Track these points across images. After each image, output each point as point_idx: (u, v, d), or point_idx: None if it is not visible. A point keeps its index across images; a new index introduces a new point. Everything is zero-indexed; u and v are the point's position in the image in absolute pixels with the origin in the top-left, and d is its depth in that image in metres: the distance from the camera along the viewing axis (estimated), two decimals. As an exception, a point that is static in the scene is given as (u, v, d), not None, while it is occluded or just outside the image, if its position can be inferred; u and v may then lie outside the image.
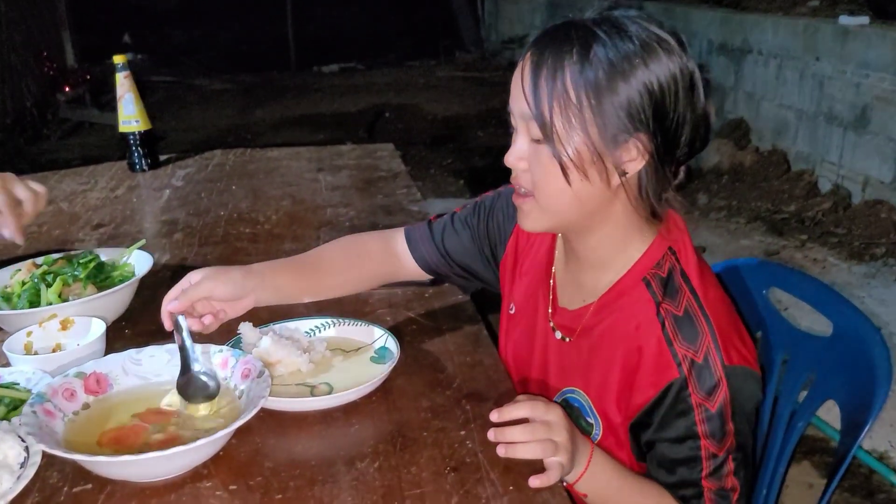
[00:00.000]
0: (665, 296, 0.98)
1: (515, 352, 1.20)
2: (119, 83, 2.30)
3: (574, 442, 0.94)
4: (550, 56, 0.92)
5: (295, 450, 0.98)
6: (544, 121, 0.93)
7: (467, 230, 1.26)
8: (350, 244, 1.31)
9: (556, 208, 0.99)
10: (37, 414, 0.91)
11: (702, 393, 0.93)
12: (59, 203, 2.08)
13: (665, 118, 0.92)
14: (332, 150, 2.54)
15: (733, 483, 0.96)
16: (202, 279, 1.09)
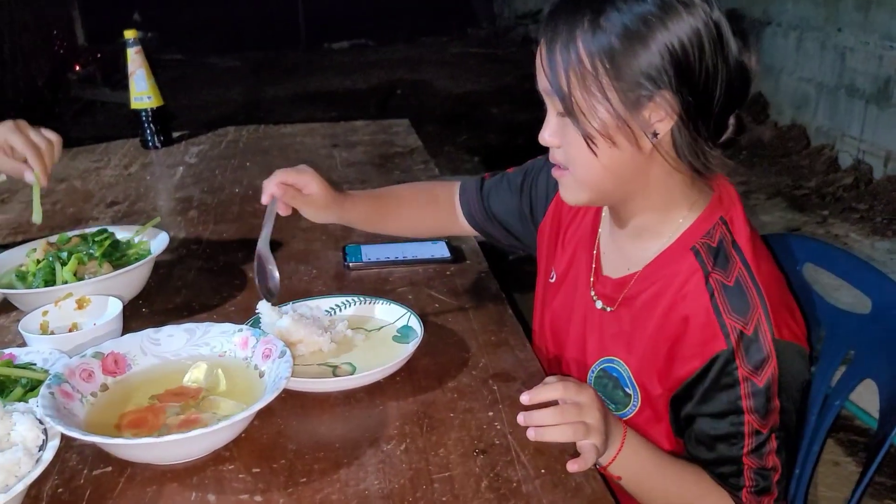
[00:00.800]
0: (715, 265, 0.94)
1: (553, 320, 1.17)
2: (130, 59, 2.27)
3: (607, 423, 0.91)
4: (563, 27, 0.90)
5: (319, 431, 0.95)
6: (563, 94, 0.92)
7: (512, 189, 1.26)
8: (422, 189, 1.39)
9: (592, 180, 0.97)
10: (55, 395, 0.88)
11: (749, 366, 0.90)
12: (73, 181, 2.06)
13: (691, 75, 0.89)
14: (347, 127, 2.50)
15: (774, 462, 0.93)
16: (315, 202, 1.19)
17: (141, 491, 0.85)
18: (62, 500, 0.84)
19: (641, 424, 1.01)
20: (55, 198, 1.92)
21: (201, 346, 1.03)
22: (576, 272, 1.14)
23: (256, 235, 1.58)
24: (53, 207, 1.84)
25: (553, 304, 1.18)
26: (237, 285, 1.36)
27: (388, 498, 0.82)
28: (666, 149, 0.94)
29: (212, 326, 1.04)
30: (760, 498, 0.94)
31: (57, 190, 1.99)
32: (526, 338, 1.16)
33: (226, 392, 0.96)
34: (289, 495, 0.83)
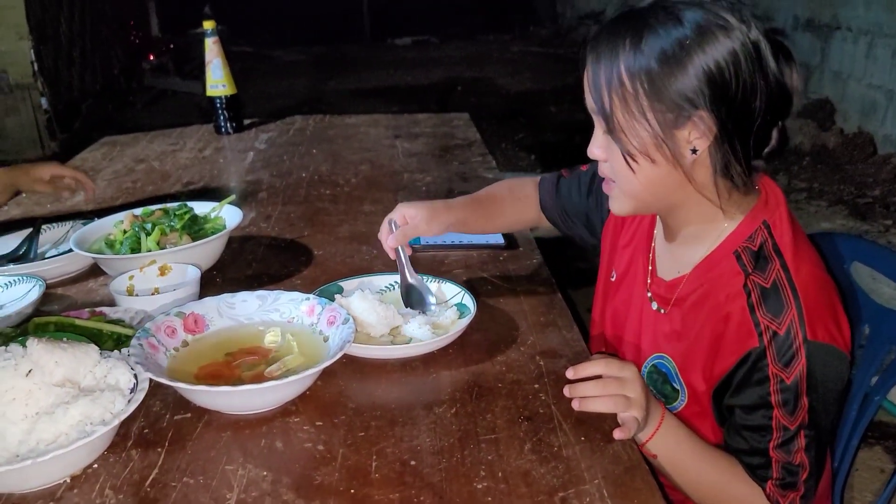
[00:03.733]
0: (755, 268, 0.99)
1: (614, 316, 1.23)
2: (208, 48, 2.40)
3: (647, 400, 0.97)
4: (606, 50, 0.96)
5: (376, 393, 1.03)
6: (606, 115, 0.97)
7: (582, 189, 1.33)
8: (514, 188, 1.43)
9: (635, 193, 1.02)
10: (143, 347, 0.98)
11: (779, 364, 0.94)
12: (151, 162, 2.19)
13: (728, 94, 0.92)
14: (409, 119, 2.58)
15: (802, 460, 0.96)
16: (418, 219, 1.24)
17: (216, 435, 0.94)
18: (148, 439, 0.93)
19: (689, 418, 1.06)
20: (135, 176, 2.05)
21: (272, 312, 1.11)
22: (634, 273, 1.20)
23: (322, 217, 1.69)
24: (134, 185, 1.97)
25: (614, 301, 1.23)
26: (303, 261, 1.45)
27: (438, 454, 0.90)
28: (706, 164, 0.98)
29: (282, 294, 1.13)
30: (786, 492, 0.97)
31: (136, 169, 2.12)
32: (573, 320, 1.22)
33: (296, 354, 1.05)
34: (348, 446, 0.91)
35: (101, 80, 6.87)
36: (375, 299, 1.16)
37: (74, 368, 0.88)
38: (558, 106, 6.79)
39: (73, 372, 0.88)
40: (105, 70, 7.03)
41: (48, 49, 5.71)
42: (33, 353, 0.86)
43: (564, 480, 0.85)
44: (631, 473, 0.87)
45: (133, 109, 7.16)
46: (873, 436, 2.42)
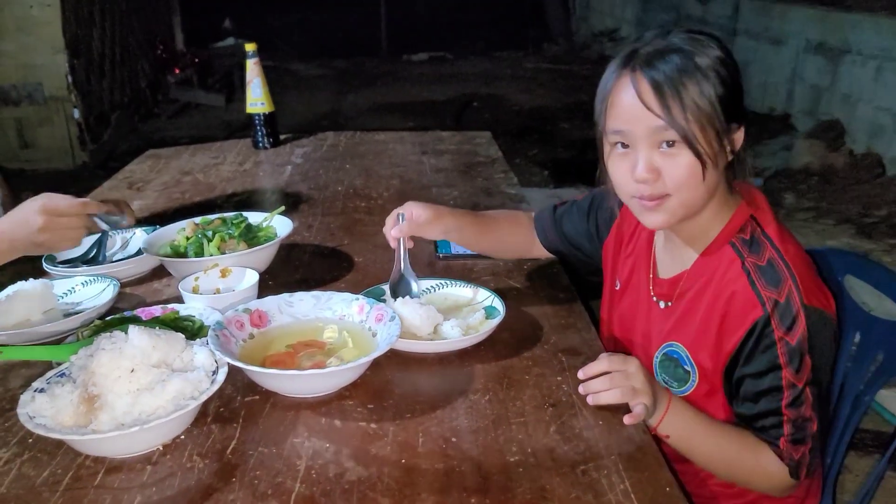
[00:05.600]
0: (750, 252, 1.14)
1: (621, 320, 1.37)
2: (249, 68, 2.56)
3: (653, 387, 1.11)
4: (666, 75, 1.07)
5: (418, 382, 1.18)
6: (683, 130, 1.07)
7: (581, 214, 1.47)
8: (511, 215, 1.58)
9: (695, 200, 1.12)
10: (219, 337, 1.13)
11: (783, 328, 1.08)
12: (196, 174, 2.35)
13: (742, 98, 1.13)
14: (434, 136, 2.74)
15: (811, 413, 1.10)
16: (423, 217, 1.37)
17: (283, 415, 1.09)
18: (224, 417, 1.08)
19: (700, 398, 1.20)
20: (183, 188, 2.21)
21: (325, 310, 1.26)
22: (637, 279, 1.34)
23: (359, 227, 1.83)
24: (182, 196, 2.13)
25: (620, 307, 1.38)
26: (345, 267, 1.60)
27: (475, 433, 1.04)
28: (730, 169, 1.15)
29: (334, 294, 1.28)
30: (797, 447, 1.11)
31: (183, 181, 2.28)
32: (591, 323, 1.36)
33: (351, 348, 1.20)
34: (397, 425, 1.06)
35: (129, 92, 7.08)
36: (416, 303, 1.30)
37: (167, 352, 1.04)
38: (571, 122, 6.94)
39: (167, 355, 1.03)
40: (133, 83, 7.25)
41: (81, 63, 5.92)
42: (134, 338, 1.01)
43: (585, 456, 0.99)
44: (642, 451, 1.01)
45: (158, 121, 7.37)
46: (875, 443, 2.54)
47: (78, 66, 5.83)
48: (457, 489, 0.93)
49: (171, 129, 6.95)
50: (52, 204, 1.32)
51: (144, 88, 7.55)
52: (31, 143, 5.80)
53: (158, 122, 7.35)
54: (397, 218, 1.38)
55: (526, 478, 0.95)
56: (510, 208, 1.96)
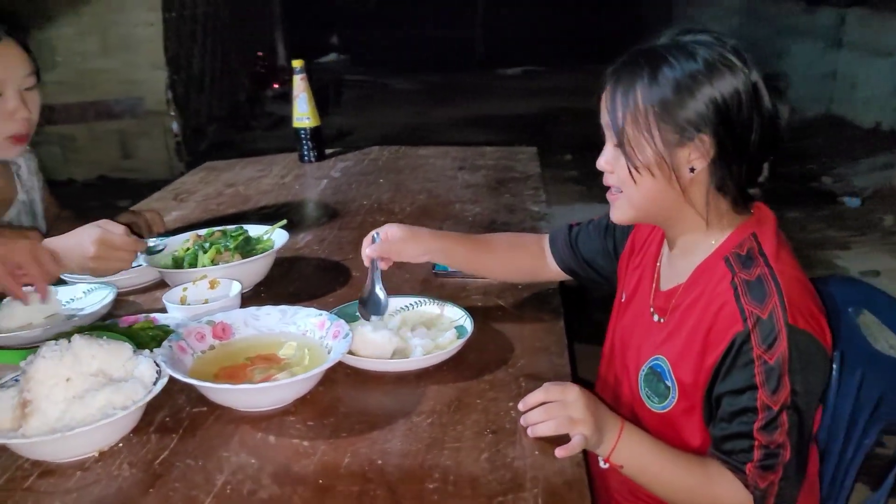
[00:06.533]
0: (742, 268, 1.08)
1: (622, 334, 1.32)
2: (296, 84, 2.63)
3: (598, 416, 1.05)
4: (626, 76, 1.11)
5: (367, 401, 1.16)
6: (618, 130, 1.11)
7: (598, 232, 1.43)
8: (512, 237, 1.56)
9: (635, 202, 1.15)
10: (172, 348, 1.16)
11: (763, 346, 1.02)
12: (238, 187, 2.43)
13: (729, 124, 1.06)
14: (477, 151, 2.72)
15: (784, 440, 1.01)
16: (399, 238, 1.36)
17: (223, 427, 1.10)
18: (167, 426, 1.10)
19: (678, 416, 1.13)
20: (221, 200, 2.29)
21: (290, 325, 1.27)
22: (641, 291, 1.29)
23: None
24: (218, 208, 2.21)
25: (623, 320, 1.33)
26: (341, 281, 1.61)
27: (404, 456, 1.02)
28: (704, 182, 1.11)
29: (300, 310, 1.28)
30: (765, 474, 1.02)
31: (224, 193, 2.37)
32: (567, 346, 1.31)
33: (306, 365, 1.20)
34: (329, 444, 1.05)
35: (227, 106, 7.42)
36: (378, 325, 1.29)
37: (108, 361, 1.07)
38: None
39: (107, 364, 1.07)
40: (232, 97, 7.59)
41: (181, 78, 6.26)
42: (75, 346, 1.05)
43: (506, 487, 0.95)
44: (569, 486, 0.96)
45: (254, 133, 7.68)
46: None
47: (178, 81, 6.16)
48: (363, 514, 0.91)
49: (264, 141, 7.21)
50: (108, 237, 1.40)
51: (243, 102, 7.89)
52: (132, 154, 6.17)
53: (254, 134, 7.65)
54: (372, 238, 1.38)
55: (437, 506, 0.92)
56: (529, 225, 1.93)
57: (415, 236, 1.39)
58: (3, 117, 1.51)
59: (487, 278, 1.55)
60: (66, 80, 5.89)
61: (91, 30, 5.86)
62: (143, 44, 5.90)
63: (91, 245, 1.39)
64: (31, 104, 1.56)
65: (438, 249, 1.42)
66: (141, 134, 6.11)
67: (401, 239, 1.37)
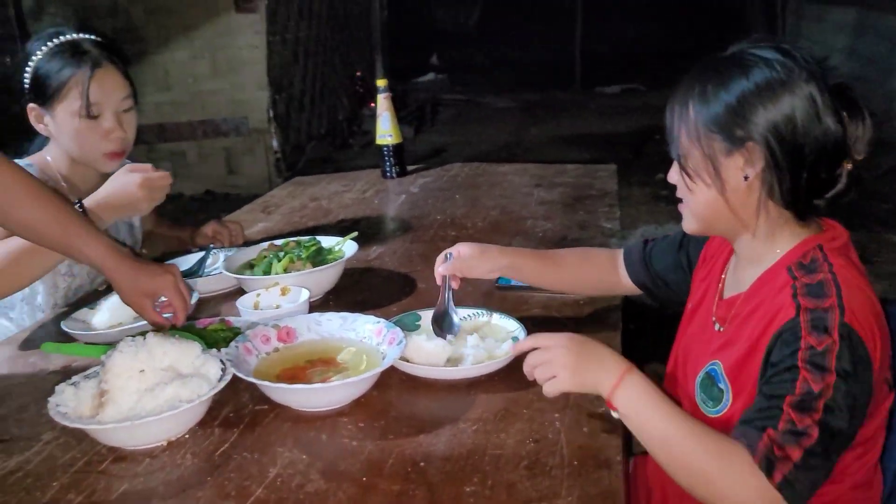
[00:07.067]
0: (804, 275, 1.08)
1: (686, 344, 1.32)
2: (380, 103, 2.73)
3: (590, 359, 1.08)
4: (681, 91, 1.15)
5: (417, 406, 1.21)
6: (675, 141, 1.15)
7: (673, 246, 1.44)
8: (583, 251, 1.59)
9: (696, 212, 1.18)
10: (238, 349, 1.24)
11: (813, 334, 0.99)
12: (321, 201, 2.53)
13: (780, 136, 1.06)
14: (557, 168, 2.73)
15: (811, 429, 0.95)
16: (469, 256, 1.42)
17: (281, 424, 1.16)
18: (230, 421, 1.18)
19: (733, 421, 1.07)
20: (304, 213, 2.40)
21: (349, 331, 1.33)
22: (706, 302, 1.30)
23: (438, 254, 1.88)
24: (300, 220, 2.31)
25: (688, 330, 1.33)
26: (406, 292, 1.66)
27: (445, 460, 1.05)
28: (756, 191, 1.11)
29: (359, 317, 1.34)
30: (784, 446, 0.94)
31: (308, 207, 2.48)
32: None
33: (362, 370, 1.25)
34: (374, 443, 1.10)
35: (325, 124, 7.70)
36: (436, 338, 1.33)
37: (178, 358, 1.16)
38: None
39: (177, 361, 1.15)
40: (330, 116, 7.87)
41: (282, 98, 6.54)
42: (149, 343, 1.14)
43: (542, 494, 0.97)
44: (604, 496, 0.97)
45: (351, 151, 7.92)
46: None
47: (279, 101, 6.45)
48: (400, 512, 0.95)
49: (360, 158, 7.43)
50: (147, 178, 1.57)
51: (341, 121, 8.16)
52: (237, 171, 6.49)
53: (351, 152, 7.89)
54: (445, 257, 1.43)
55: (472, 509, 0.95)
56: (599, 241, 1.93)
57: (484, 253, 1.44)
58: (101, 136, 1.66)
59: (558, 292, 1.56)
60: (179, 101, 6.28)
61: (202, 53, 6.23)
62: (248, 66, 6.21)
63: (138, 189, 1.56)
64: (127, 125, 1.70)
65: (507, 265, 1.46)
66: (245, 151, 6.42)
67: (471, 256, 1.42)
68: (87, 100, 1.66)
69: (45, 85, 1.68)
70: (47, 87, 1.67)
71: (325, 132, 7.66)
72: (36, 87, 1.69)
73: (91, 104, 1.66)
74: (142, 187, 1.56)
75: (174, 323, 1.38)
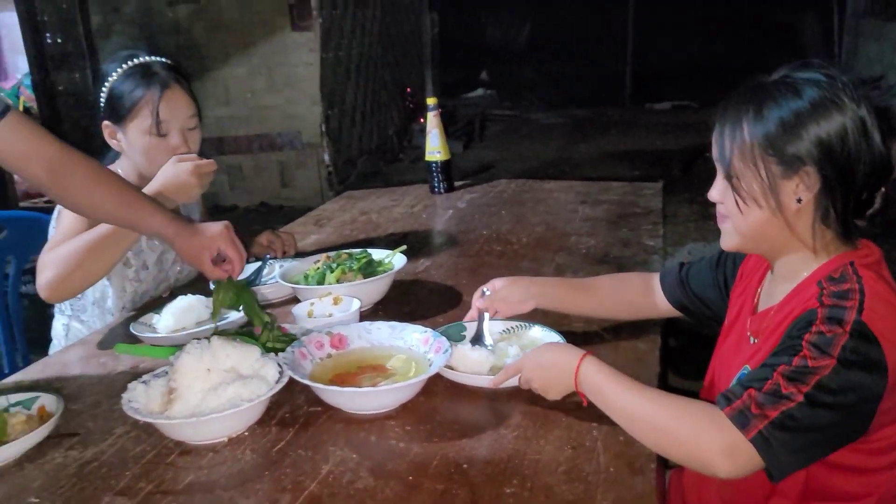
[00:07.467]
0: (831, 285, 1.12)
1: (722, 357, 1.37)
2: (429, 120, 2.82)
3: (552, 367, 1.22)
4: (733, 112, 1.18)
5: (461, 412, 1.27)
6: (727, 163, 1.18)
7: (710, 266, 1.48)
8: (617, 277, 1.64)
9: (742, 231, 1.21)
10: (294, 353, 1.32)
11: (826, 323, 1.05)
12: (371, 214, 2.63)
13: (833, 156, 1.10)
14: (602, 186, 2.78)
15: (800, 397, 1.00)
16: (502, 287, 1.49)
17: (333, 425, 1.24)
18: (286, 421, 1.26)
19: None
20: (355, 226, 2.49)
21: (397, 339, 1.40)
22: (742, 316, 1.34)
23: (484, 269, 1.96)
24: (351, 233, 2.41)
25: (725, 344, 1.37)
26: (452, 304, 1.73)
27: (487, 463, 1.11)
28: (810, 213, 1.15)
29: (407, 326, 1.41)
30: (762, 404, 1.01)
31: (358, 220, 2.57)
32: (658, 374, 1.36)
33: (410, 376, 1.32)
34: (420, 445, 1.16)
35: (376, 139, 7.85)
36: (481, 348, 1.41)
37: (239, 361, 1.24)
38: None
39: (238, 363, 1.24)
40: (381, 131, 8.02)
41: (335, 113, 6.71)
42: (213, 345, 1.23)
43: (578, 497, 1.03)
44: (637, 500, 1.02)
45: (401, 165, 8.05)
46: None
47: (332, 116, 6.62)
48: (443, 509, 1.02)
49: (409, 172, 7.55)
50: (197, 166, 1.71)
51: (392, 136, 8.30)
52: (290, 183, 6.67)
53: (401, 166, 8.03)
54: (481, 292, 1.50)
55: (511, 509, 1.01)
56: (641, 259, 1.97)
57: (515, 283, 1.50)
58: (168, 152, 1.77)
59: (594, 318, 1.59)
60: (237, 115, 6.49)
61: (260, 70, 6.43)
62: (302, 82, 6.39)
63: (190, 177, 1.70)
64: (192, 142, 1.82)
65: (540, 294, 1.51)
66: (298, 164, 6.60)
67: (503, 287, 1.49)
68: (157, 118, 1.78)
69: (118, 104, 1.80)
70: (121, 107, 1.80)
71: (375, 147, 7.80)
72: (110, 105, 1.82)
73: (160, 122, 1.78)
74: (192, 174, 1.70)
75: (230, 275, 1.53)
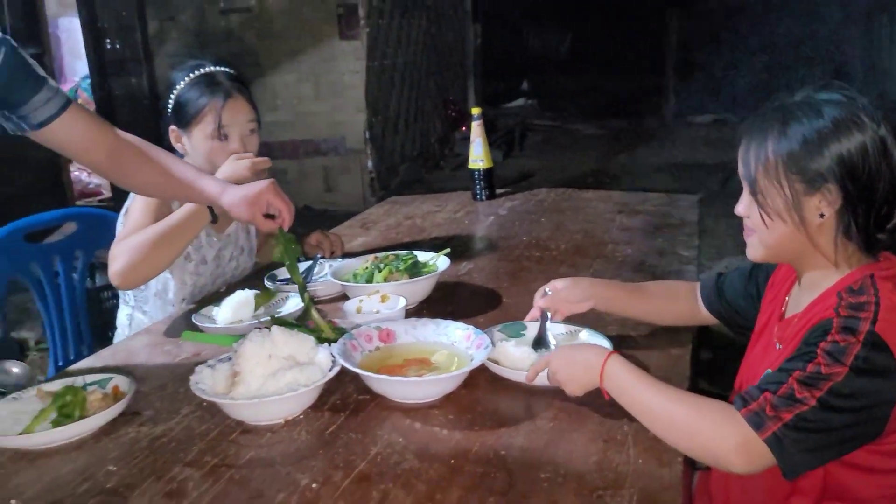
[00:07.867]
0: (850, 296, 1.18)
1: (750, 362, 1.44)
2: (473, 129, 2.91)
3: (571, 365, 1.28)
4: (757, 131, 1.25)
5: (501, 404, 1.36)
6: (752, 181, 1.25)
7: (743, 276, 1.55)
8: (668, 284, 1.71)
9: (769, 243, 1.27)
10: (345, 345, 1.42)
11: (841, 333, 1.11)
12: (415, 219, 2.73)
13: (854, 174, 1.17)
14: (640, 196, 2.85)
15: (809, 400, 1.07)
16: (562, 287, 1.56)
17: (380, 412, 1.33)
18: (337, 406, 1.36)
19: None
20: (400, 230, 2.60)
21: (441, 336, 1.50)
22: (770, 324, 1.40)
23: (522, 274, 2.03)
24: (395, 236, 2.51)
25: (753, 351, 1.44)
26: (493, 305, 1.82)
27: (523, 451, 1.20)
28: (832, 228, 1.22)
29: (451, 323, 1.51)
30: (777, 406, 1.08)
31: (403, 224, 2.67)
32: (689, 378, 1.43)
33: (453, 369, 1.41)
34: (462, 432, 1.25)
35: (418, 147, 7.97)
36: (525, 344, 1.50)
37: (296, 349, 1.35)
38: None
39: (295, 351, 1.34)
40: (424, 139, 8.14)
41: (378, 120, 6.85)
42: (273, 334, 1.34)
43: (608, 484, 1.11)
44: (664, 491, 1.09)
45: (442, 173, 8.16)
46: None
47: (375, 123, 6.76)
48: (483, 489, 1.11)
49: (451, 180, 7.66)
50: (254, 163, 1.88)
51: (433, 143, 8.43)
52: (333, 188, 6.82)
53: (442, 173, 8.14)
54: (543, 292, 1.58)
55: (546, 492, 1.09)
56: (676, 269, 2.03)
57: (576, 283, 1.58)
58: (228, 155, 1.89)
59: (643, 321, 1.65)
60: (285, 121, 6.67)
61: (307, 77, 6.61)
62: (348, 89, 6.55)
63: (248, 172, 1.86)
64: (251, 146, 1.95)
65: (598, 295, 1.57)
66: (342, 170, 6.75)
67: (564, 288, 1.56)
68: (220, 124, 1.90)
69: (184, 111, 1.93)
70: (186, 113, 1.92)
71: (417, 154, 7.93)
72: (177, 112, 1.95)
73: (222, 127, 1.90)
74: (249, 170, 1.85)
75: (281, 225, 1.70)
